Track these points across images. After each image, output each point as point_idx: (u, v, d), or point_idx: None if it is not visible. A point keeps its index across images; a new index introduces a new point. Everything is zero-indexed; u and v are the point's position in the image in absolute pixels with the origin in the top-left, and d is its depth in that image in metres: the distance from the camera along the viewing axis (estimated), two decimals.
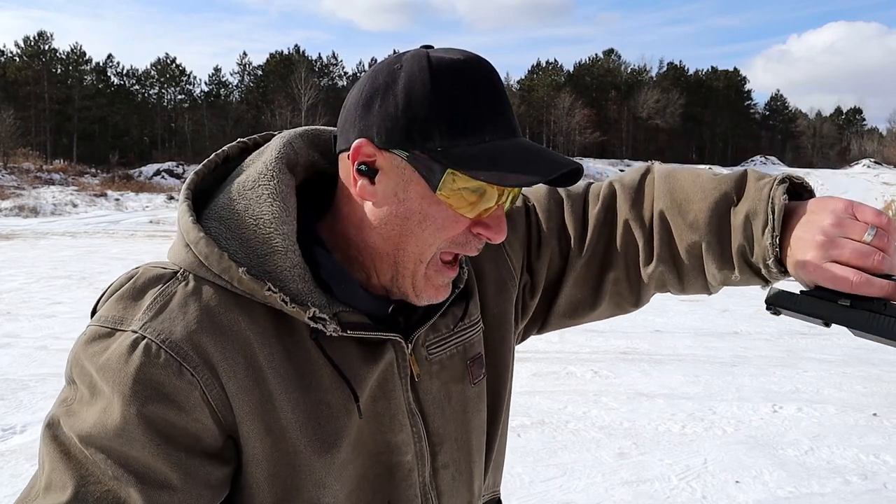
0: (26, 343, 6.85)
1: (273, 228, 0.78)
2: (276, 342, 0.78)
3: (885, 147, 73.78)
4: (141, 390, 0.72)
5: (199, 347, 0.74)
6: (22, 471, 3.83)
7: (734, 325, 9.14)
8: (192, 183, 0.84)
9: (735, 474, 4.07)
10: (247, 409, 0.76)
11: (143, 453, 0.72)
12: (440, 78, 0.76)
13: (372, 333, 0.82)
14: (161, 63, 62.02)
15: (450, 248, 0.81)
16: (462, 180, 0.76)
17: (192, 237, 0.77)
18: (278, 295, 0.76)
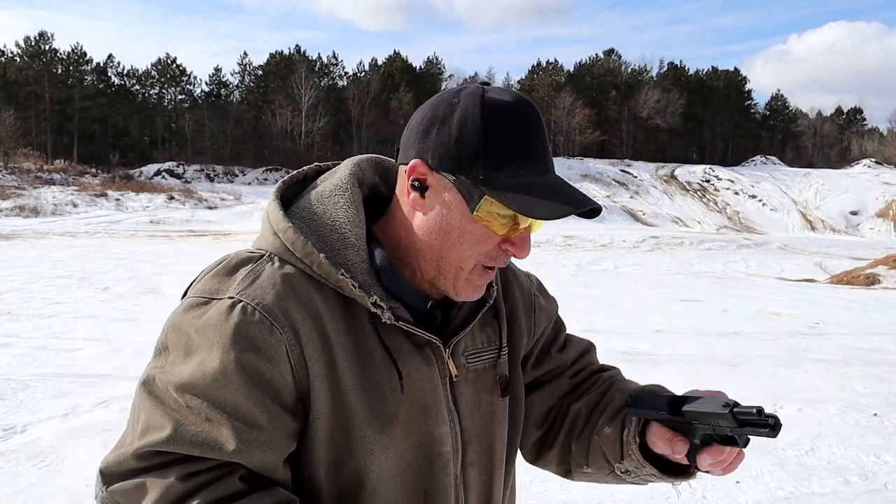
0: (26, 343, 6.85)
1: (348, 229, 0.96)
2: (341, 321, 0.94)
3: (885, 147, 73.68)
4: (239, 341, 0.86)
5: (286, 312, 0.89)
6: (22, 471, 3.83)
7: (734, 326, 9.13)
8: (279, 189, 1.03)
9: (735, 474, 4.07)
10: (317, 370, 0.90)
11: (236, 395, 0.86)
12: (489, 116, 0.90)
13: (416, 330, 0.98)
14: (161, 63, 61.99)
15: (484, 260, 0.96)
16: (496, 206, 0.90)
17: (282, 227, 0.95)
18: (349, 280, 0.93)
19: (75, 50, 57.81)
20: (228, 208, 37.39)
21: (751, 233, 42.09)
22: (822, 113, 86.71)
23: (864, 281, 16.29)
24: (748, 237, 35.03)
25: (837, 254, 25.92)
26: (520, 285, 1.20)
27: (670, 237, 30.44)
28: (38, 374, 5.74)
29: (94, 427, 4.57)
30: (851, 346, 8.00)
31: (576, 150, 63.14)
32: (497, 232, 0.93)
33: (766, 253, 25.53)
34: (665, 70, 77.12)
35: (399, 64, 67.07)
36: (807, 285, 15.68)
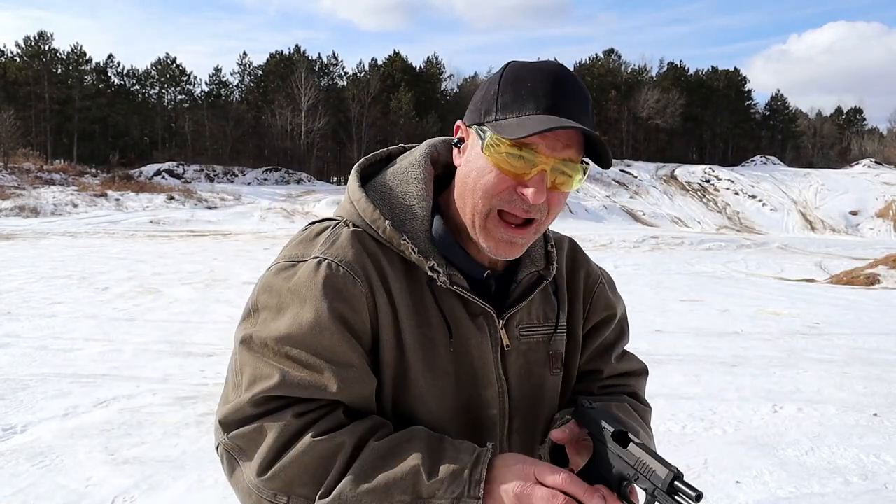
0: (26, 343, 6.84)
1: (415, 202, 1.08)
2: (404, 281, 1.05)
3: (885, 147, 73.66)
4: (329, 292, 0.99)
5: (364, 268, 1.02)
6: (22, 471, 3.83)
7: (734, 325, 9.13)
8: (361, 164, 1.15)
9: (735, 474, 4.07)
10: (386, 321, 1.02)
11: (332, 340, 0.97)
12: (508, 74, 1.03)
13: (470, 296, 1.06)
14: (161, 63, 61.96)
15: (500, 205, 1.01)
16: (504, 144, 0.98)
17: (356, 196, 1.08)
18: (409, 244, 1.04)
19: (75, 50, 57.77)
20: (228, 208, 37.37)
21: (751, 233, 42.08)
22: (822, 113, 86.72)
23: (864, 281, 16.29)
24: (748, 237, 35.02)
25: (837, 254, 25.92)
26: (588, 272, 1.27)
27: (670, 237, 30.43)
28: (38, 374, 5.74)
29: (93, 427, 4.57)
30: (851, 346, 8.00)
31: None
32: (504, 168, 0.99)
33: (765, 253, 25.52)
34: (665, 70, 77.08)
35: (399, 64, 67.01)
36: (807, 285, 15.67)
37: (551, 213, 1.05)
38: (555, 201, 1.03)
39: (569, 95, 1.00)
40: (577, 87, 1.01)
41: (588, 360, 1.26)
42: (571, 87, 1.01)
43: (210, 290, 10.93)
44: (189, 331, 7.68)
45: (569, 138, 0.99)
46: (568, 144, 0.99)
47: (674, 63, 77.81)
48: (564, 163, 1.00)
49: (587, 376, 1.26)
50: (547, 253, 1.20)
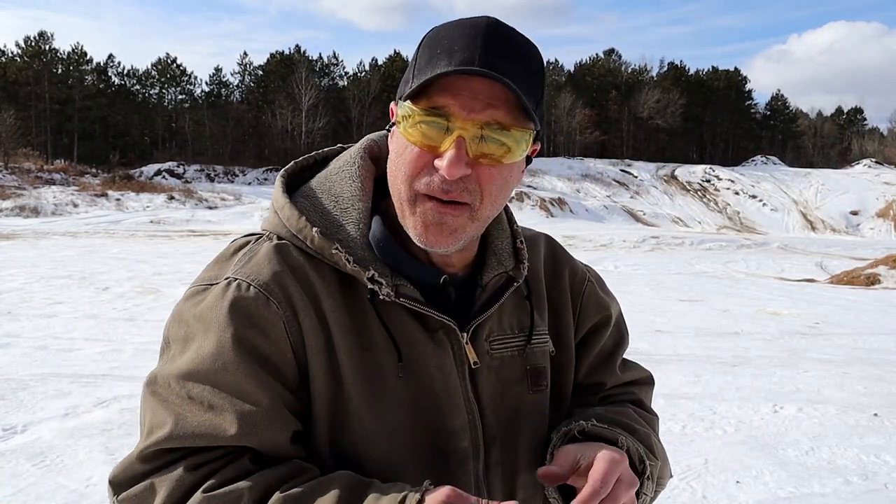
0: (26, 343, 6.85)
1: (349, 204, 0.91)
2: (339, 298, 0.88)
3: (885, 147, 73.68)
4: (233, 317, 0.83)
5: (283, 287, 0.86)
6: (22, 471, 3.83)
7: (734, 325, 9.13)
8: (290, 168, 0.99)
9: (736, 474, 4.06)
10: (315, 347, 0.86)
11: (236, 375, 0.82)
12: (426, 36, 0.86)
13: (423, 308, 0.89)
14: (162, 63, 61.98)
15: (420, 186, 0.84)
16: (417, 114, 0.82)
17: (280, 203, 0.92)
18: (343, 254, 0.87)
19: (75, 50, 57.80)
20: (228, 208, 37.39)
21: (751, 233, 42.07)
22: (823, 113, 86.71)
23: (865, 281, 16.29)
24: (748, 237, 35.02)
25: (838, 254, 25.91)
26: (573, 270, 1.10)
27: (670, 237, 30.43)
28: (38, 374, 5.74)
29: (94, 427, 4.57)
30: (851, 346, 8.00)
31: (576, 151, 63.10)
32: (418, 141, 0.83)
33: (766, 253, 25.52)
34: (665, 70, 77.10)
35: (399, 64, 67.02)
36: (807, 285, 15.67)
37: (486, 195, 0.85)
38: (487, 178, 0.84)
39: (494, 47, 0.81)
40: (509, 39, 0.83)
41: (588, 372, 1.08)
42: (500, 38, 0.82)
43: None
44: None
45: (492, 96, 0.81)
46: (491, 104, 0.81)
47: (674, 63, 77.90)
48: (490, 127, 0.81)
49: (588, 390, 1.08)
50: (516, 250, 1.00)
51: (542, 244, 1.10)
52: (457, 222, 0.85)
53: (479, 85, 0.81)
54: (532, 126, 0.85)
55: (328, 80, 64.93)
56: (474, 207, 0.85)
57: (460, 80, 0.81)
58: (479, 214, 0.86)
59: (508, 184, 0.88)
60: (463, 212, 0.85)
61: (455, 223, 0.85)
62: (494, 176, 0.84)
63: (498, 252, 0.98)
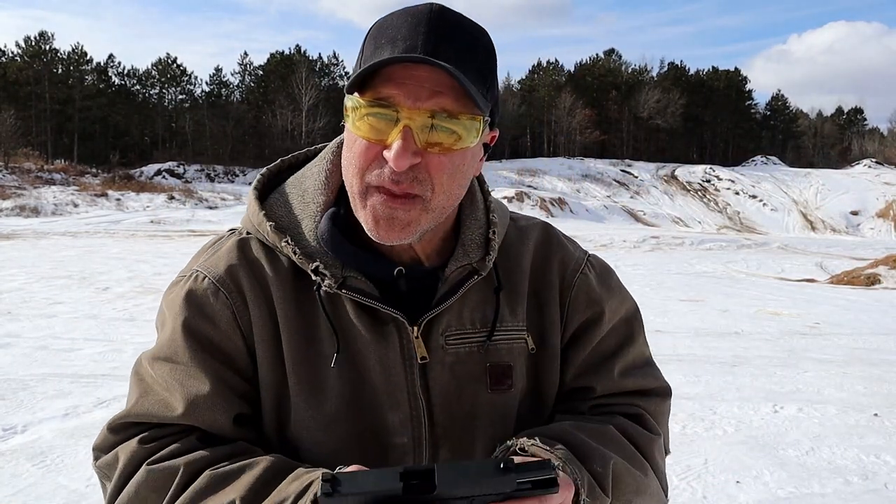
0: (26, 343, 6.84)
1: (311, 198, 0.94)
2: (290, 291, 0.91)
3: (886, 147, 73.65)
4: (185, 305, 0.90)
5: (236, 279, 0.91)
6: (22, 471, 3.83)
7: (734, 325, 9.13)
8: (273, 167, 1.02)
9: (736, 474, 4.06)
10: (263, 336, 0.90)
11: (184, 358, 0.89)
12: (372, 27, 0.85)
13: (369, 301, 0.88)
14: (162, 63, 61.98)
15: (371, 179, 0.83)
16: (363, 107, 0.81)
17: (249, 200, 0.97)
18: (291, 246, 0.90)
19: (76, 50, 57.80)
20: (229, 208, 37.40)
21: (751, 233, 42.07)
22: (823, 113, 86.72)
23: (865, 281, 16.28)
24: (748, 237, 35.02)
25: (838, 254, 25.91)
26: (564, 260, 1.03)
27: (671, 237, 30.43)
28: (38, 374, 5.74)
29: (94, 427, 4.57)
30: (851, 346, 8.00)
31: (576, 150, 63.11)
32: (365, 134, 0.82)
33: (766, 253, 25.52)
34: (665, 70, 77.11)
35: None
36: (807, 285, 15.67)
37: (437, 184, 0.83)
38: (437, 167, 0.82)
39: (438, 33, 0.80)
40: (455, 25, 0.82)
41: (577, 375, 1.00)
42: (444, 24, 0.81)
43: None
44: None
45: (438, 83, 0.79)
46: (437, 91, 0.79)
47: (674, 63, 77.92)
48: (440, 116, 0.80)
49: (575, 395, 1.00)
50: (486, 241, 0.96)
51: (534, 233, 1.04)
52: (409, 216, 0.83)
53: (423, 73, 0.79)
54: (481, 112, 0.83)
55: (328, 80, 64.90)
56: (426, 198, 0.83)
57: (404, 70, 0.79)
58: (432, 205, 0.84)
59: (461, 172, 0.85)
60: (415, 205, 0.83)
61: (407, 217, 0.83)
62: (444, 164, 0.82)
63: (466, 243, 0.95)
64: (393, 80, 0.80)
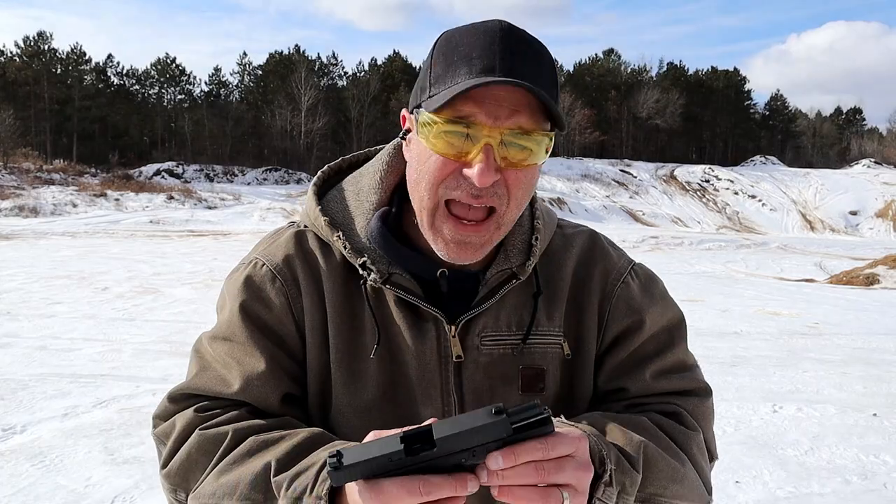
0: (26, 343, 6.84)
1: (366, 197, 0.99)
2: (340, 284, 0.96)
3: (885, 147, 73.71)
4: (244, 290, 0.96)
5: (292, 267, 0.97)
6: (22, 471, 3.83)
7: (734, 325, 9.13)
8: (335, 164, 1.08)
9: (735, 474, 4.06)
10: (314, 323, 0.95)
11: (241, 339, 0.94)
12: (440, 42, 0.88)
13: (412, 297, 0.93)
14: (161, 63, 61.95)
15: (447, 194, 0.85)
16: (439, 122, 0.83)
17: (308, 195, 1.02)
18: (342, 241, 0.95)
19: (74, 50, 57.77)
20: (228, 208, 37.37)
21: (750, 233, 42.09)
22: (822, 113, 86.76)
23: (864, 281, 16.29)
24: (748, 237, 35.03)
25: (837, 254, 25.93)
26: (606, 268, 1.03)
27: (670, 237, 30.44)
28: (38, 374, 5.73)
29: (93, 427, 4.57)
30: (851, 346, 8.00)
31: (575, 151, 63.12)
32: (443, 150, 0.83)
33: (765, 253, 25.53)
34: (664, 70, 77.13)
35: (399, 64, 67.02)
36: (806, 285, 15.68)
37: (513, 198, 0.86)
38: (514, 182, 0.85)
39: (512, 52, 0.83)
40: (523, 42, 0.84)
41: (610, 377, 1.00)
42: (515, 42, 0.84)
43: (210, 290, 10.92)
44: (189, 331, 7.67)
45: (515, 102, 0.82)
46: (515, 110, 0.82)
47: (673, 63, 77.93)
48: (514, 133, 0.82)
49: (608, 397, 1.00)
50: (529, 247, 0.98)
51: (580, 241, 1.06)
52: (482, 239, 0.88)
53: (502, 92, 0.81)
54: (550, 128, 0.86)
55: (327, 79, 64.90)
56: (500, 212, 0.87)
57: (483, 88, 0.81)
58: (505, 219, 0.88)
59: (532, 185, 0.89)
60: (488, 225, 0.87)
61: (481, 240, 0.88)
62: (521, 179, 0.86)
63: (509, 248, 0.97)
64: (472, 98, 0.81)
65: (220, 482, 0.84)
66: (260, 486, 0.82)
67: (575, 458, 0.71)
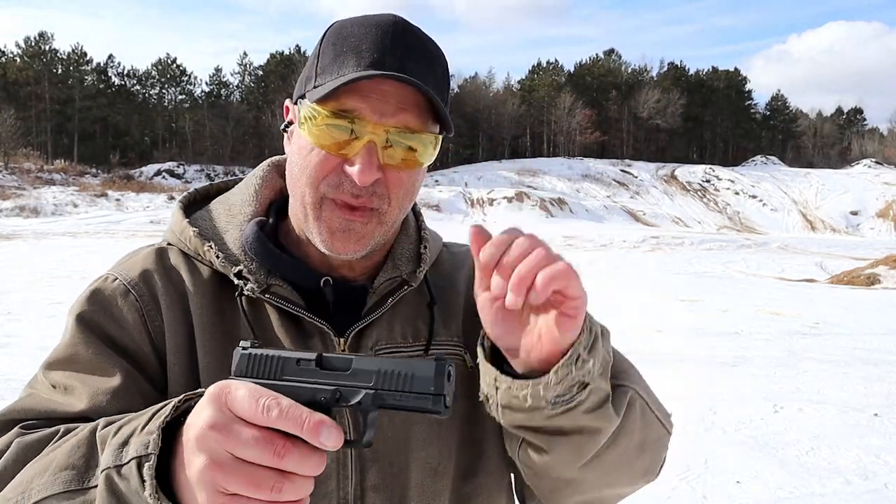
0: (27, 343, 6.85)
1: (239, 210, 0.92)
2: (210, 299, 0.86)
3: (885, 147, 73.73)
4: (89, 302, 0.85)
5: (149, 283, 0.86)
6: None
7: (735, 326, 9.13)
8: (202, 189, 1.01)
9: (735, 474, 4.07)
10: (177, 343, 0.84)
11: (86, 357, 0.81)
12: (329, 33, 0.84)
13: (293, 308, 0.84)
14: (162, 63, 62.03)
15: (328, 191, 0.81)
16: (322, 115, 0.79)
17: (173, 211, 0.94)
18: (214, 251, 0.87)
19: (75, 50, 57.86)
20: None
21: (751, 233, 42.09)
22: (823, 113, 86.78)
23: (865, 281, 16.29)
24: (748, 237, 35.03)
25: (837, 254, 25.92)
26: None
27: (670, 237, 30.44)
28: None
29: None
30: (852, 346, 8.00)
31: (576, 151, 63.14)
32: (325, 144, 0.79)
33: (766, 253, 25.53)
34: (665, 70, 77.18)
35: None
36: (807, 285, 15.67)
37: (394, 198, 0.82)
38: (395, 182, 0.82)
39: (403, 47, 0.80)
40: (413, 39, 0.81)
41: None
42: (405, 39, 0.81)
43: None
44: None
45: (403, 99, 0.78)
46: (402, 107, 0.78)
47: (674, 63, 78.00)
48: (400, 132, 0.79)
49: None
50: (418, 255, 0.93)
51: (470, 257, 0.94)
52: (365, 229, 0.82)
53: (389, 88, 0.78)
54: (437, 130, 0.83)
55: None
56: (382, 211, 0.82)
57: (371, 83, 0.78)
58: (387, 218, 0.84)
59: (415, 187, 0.85)
60: (371, 217, 0.82)
61: (363, 230, 0.82)
62: (403, 180, 0.82)
63: (397, 256, 0.92)
64: (358, 92, 0.78)
65: (30, 470, 0.70)
66: (82, 450, 0.68)
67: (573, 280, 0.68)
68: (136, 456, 0.61)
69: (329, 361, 0.61)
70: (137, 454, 0.61)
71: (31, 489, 0.68)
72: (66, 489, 0.66)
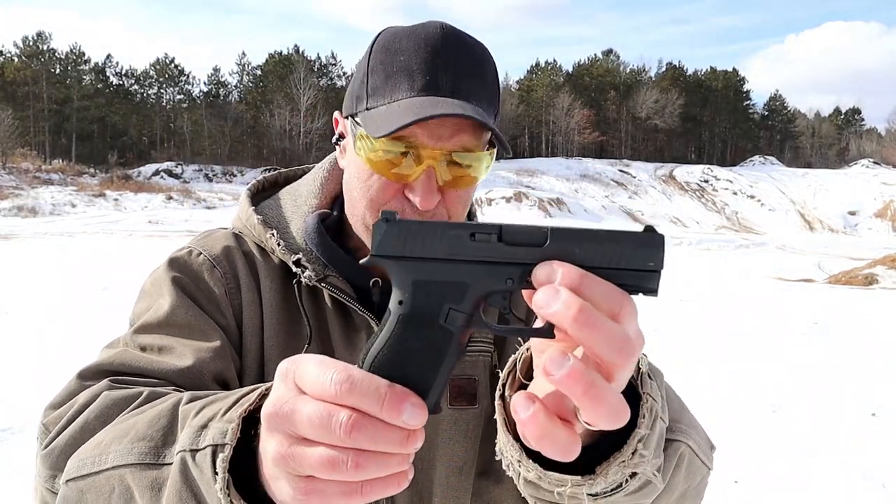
0: (26, 343, 6.84)
1: (304, 201, 0.96)
2: (278, 284, 0.91)
3: (883, 147, 73.81)
4: (181, 275, 0.88)
5: (231, 261, 0.91)
6: (21, 471, 3.83)
7: (733, 325, 9.14)
8: (271, 176, 1.04)
9: (734, 474, 4.07)
10: (250, 321, 0.88)
11: (186, 316, 0.84)
12: (377, 46, 0.84)
13: (345, 298, 0.87)
14: (160, 63, 61.95)
15: None
16: (379, 142, 0.79)
17: (241, 200, 0.99)
18: (276, 238, 0.90)
19: (73, 50, 57.80)
20: (227, 208, 37.37)
21: (749, 233, 42.13)
22: (821, 113, 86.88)
23: (863, 281, 16.30)
24: (746, 237, 35.06)
25: (836, 254, 25.95)
26: None
27: (669, 237, 30.42)
28: (38, 374, 5.73)
29: None
30: (850, 346, 8.01)
31: (574, 151, 63.16)
32: (382, 172, 0.80)
33: (764, 253, 25.55)
34: (663, 70, 77.20)
35: None
36: (805, 285, 15.69)
37: (454, 214, 0.85)
38: (454, 200, 0.84)
39: (453, 66, 0.80)
40: (463, 52, 0.82)
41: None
42: (455, 53, 0.81)
43: None
44: None
45: (458, 122, 0.79)
46: (458, 129, 0.79)
47: (672, 63, 77.99)
48: (458, 154, 0.80)
49: None
50: None
51: None
52: None
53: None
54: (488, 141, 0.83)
55: (327, 80, 64.92)
56: None
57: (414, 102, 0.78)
58: None
59: (469, 199, 0.88)
60: None
61: None
62: (461, 197, 0.85)
63: None
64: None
65: (110, 432, 0.68)
66: (162, 422, 0.65)
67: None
68: (212, 444, 0.58)
69: (515, 235, 0.50)
70: (214, 442, 0.58)
71: (107, 453, 0.67)
72: (141, 461, 0.65)
